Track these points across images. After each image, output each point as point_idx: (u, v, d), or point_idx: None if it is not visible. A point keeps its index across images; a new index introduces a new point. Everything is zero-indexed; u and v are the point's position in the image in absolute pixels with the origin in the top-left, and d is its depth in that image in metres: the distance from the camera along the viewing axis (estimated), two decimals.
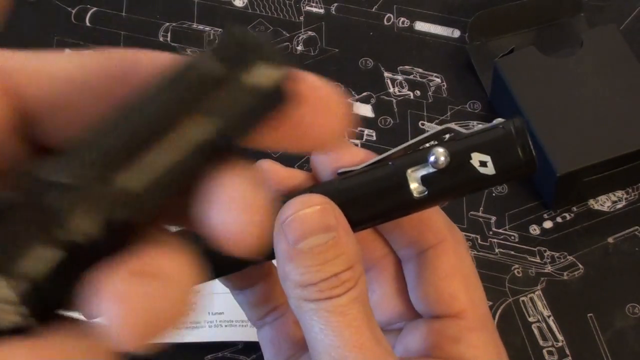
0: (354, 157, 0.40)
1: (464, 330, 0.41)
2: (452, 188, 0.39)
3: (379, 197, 0.39)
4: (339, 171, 0.40)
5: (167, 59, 0.24)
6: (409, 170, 0.38)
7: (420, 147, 0.39)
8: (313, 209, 0.37)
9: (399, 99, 0.65)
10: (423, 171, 0.38)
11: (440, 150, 0.38)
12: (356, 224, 0.39)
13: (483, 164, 0.38)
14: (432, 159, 0.38)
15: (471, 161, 0.38)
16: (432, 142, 0.39)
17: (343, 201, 0.38)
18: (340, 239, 0.37)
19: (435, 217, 0.42)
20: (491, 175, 0.38)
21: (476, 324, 0.41)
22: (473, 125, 0.63)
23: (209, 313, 0.57)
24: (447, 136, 0.39)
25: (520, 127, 0.38)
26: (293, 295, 0.38)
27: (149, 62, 0.24)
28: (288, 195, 0.39)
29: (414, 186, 0.38)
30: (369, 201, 0.39)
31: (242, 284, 0.44)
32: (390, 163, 0.39)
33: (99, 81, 0.24)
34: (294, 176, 0.41)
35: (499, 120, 0.38)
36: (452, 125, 0.39)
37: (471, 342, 0.41)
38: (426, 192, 0.38)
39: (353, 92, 0.66)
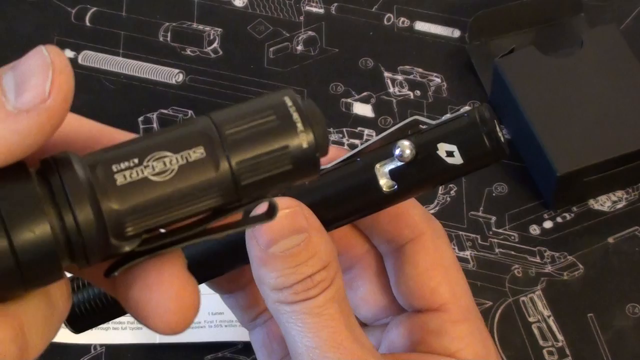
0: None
1: (447, 323, 0.41)
2: (421, 180, 0.38)
3: (349, 194, 0.39)
4: None
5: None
6: (377, 166, 0.38)
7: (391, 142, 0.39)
8: (282, 213, 0.37)
9: (399, 98, 0.65)
10: (391, 165, 0.38)
11: (405, 143, 0.37)
12: (329, 223, 0.39)
13: (450, 154, 0.37)
14: (397, 152, 0.37)
15: (438, 152, 0.37)
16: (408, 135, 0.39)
17: (315, 201, 0.38)
18: (311, 240, 0.37)
19: (411, 211, 0.42)
20: (459, 164, 0.37)
21: (459, 316, 0.41)
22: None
23: (209, 313, 0.57)
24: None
25: (485, 115, 0.37)
26: (269, 299, 0.38)
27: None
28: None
29: (383, 181, 0.38)
30: (340, 199, 0.39)
31: (229, 287, 0.44)
32: (358, 160, 0.39)
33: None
34: None
35: (466, 108, 0.38)
36: (419, 117, 0.39)
37: (455, 334, 0.41)
38: (396, 187, 0.38)
39: (353, 92, 0.66)
